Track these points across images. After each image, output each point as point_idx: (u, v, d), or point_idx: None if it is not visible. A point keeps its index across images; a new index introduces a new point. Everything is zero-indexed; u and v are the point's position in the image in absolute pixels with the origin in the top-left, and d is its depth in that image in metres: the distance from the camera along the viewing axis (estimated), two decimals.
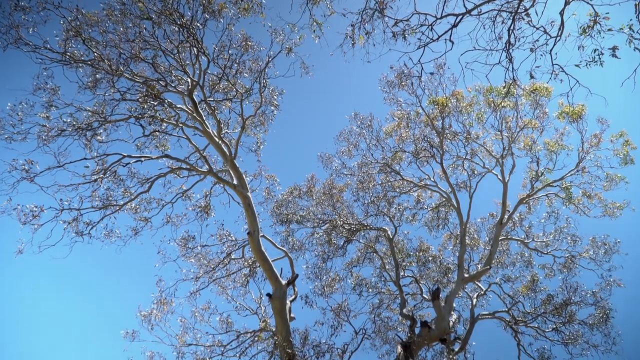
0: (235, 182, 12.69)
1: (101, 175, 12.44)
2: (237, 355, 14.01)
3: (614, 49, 6.73)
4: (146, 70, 12.82)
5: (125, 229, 13.95)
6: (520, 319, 17.19)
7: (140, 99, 11.92)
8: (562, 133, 17.46)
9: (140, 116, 11.99)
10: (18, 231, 11.83)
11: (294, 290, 14.09)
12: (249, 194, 12.61)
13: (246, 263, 16.04)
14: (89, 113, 12.06)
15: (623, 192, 17.07)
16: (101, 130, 12.17)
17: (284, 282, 12.40)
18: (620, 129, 16.62)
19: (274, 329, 12.91)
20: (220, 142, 12.69)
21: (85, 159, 11.99)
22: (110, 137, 12.40)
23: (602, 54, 6.90)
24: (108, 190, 13.12)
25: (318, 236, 17.84)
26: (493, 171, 17.49)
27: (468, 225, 17.12)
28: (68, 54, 11.27)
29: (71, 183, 12.12)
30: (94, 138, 12.03)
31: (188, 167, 13.40)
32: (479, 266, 17.82)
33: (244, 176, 12.79)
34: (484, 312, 17.13)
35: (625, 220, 17.52)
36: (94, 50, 11.46)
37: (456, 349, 14.37)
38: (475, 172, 18.03)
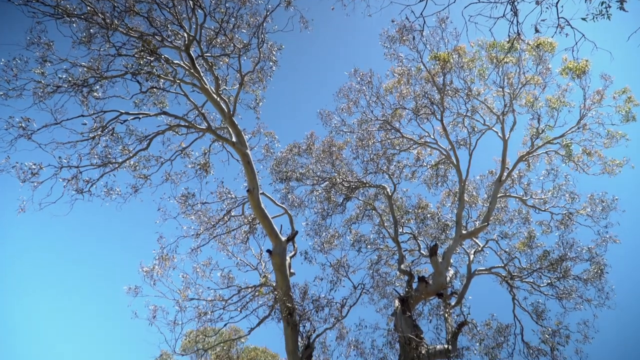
0: (234, 139, 12.62)
1: (99, 133, 12.36)
2: (239, 309, 14.32)
3: (622, 1, 6.54)
4: (141, 25, 12.51)
5: (125, 187, 13.98)
6: (515, 274, 17.50)
7: (136, 55, 11.69)
8: (565, 89, 17.28)
9: (136, 72, 11.79)
10: (18, 189, 11.85)
11: (294, 246, 14.27)
12: (248, 151, 12.56)
13: (246, 220, 16.17)
14: (85, 69, 11.84)
15: (623, 149, 17.07)
16: (97, 87, 11.99)
17: (283, 238, 12.53)
18: (623, 85, 16.44)
19: (274, 284, 13.15)
20: (218, 99, 12.54)
21: (82, 116, 11.87)
22: (106, 94, 12.24)
23: (610, 6, 6.71)
24: (106, 148, 13.05)
25: (317, 194, 17.91)
26: (493, 128, 17.40)
27: (467, 183, 17.17)
28: (61, 7, 10.96)
29: (69, 140, 12.04)
30: (91, 94, 11.86)
31: (186, 124, 13.30)
32: (477, 223, 17.99)
33: (242, 133, 12.70)
34: (481, 268, 17.42)
35: (624, 177, 17.60)
36: (87, 3, 11.15)
37: (452, 303, 14.68)
38: (476, 129, 17.94)
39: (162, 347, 14.53)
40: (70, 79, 11.56)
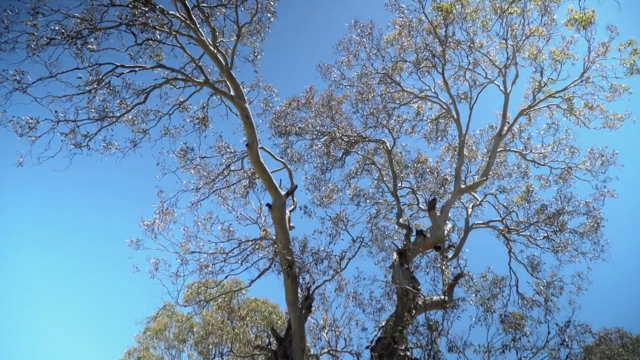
0: (232, 93, 12.45)
1: (95, 86, 12.17)
2: (239, 262, 14.59)
3: None
4: None
5: (123, 141, 13.89)
6: (512, 228, 17.71)
7: (130, 5, 11.37)
8: (569, 41, 16.89)
9: (131, 23, 11.50)
10: (16, 143, 11.80)
11: (293, 200, 14.37)
12: (246, 105, 12.43)
13: (245, 174, 16.20)
14: (78, 20, 11.54)
15: (626, 103, 16.88)
16: (91, 39, 11.72)
17: (283, 192, 12.59)
18: (629, 37, 16.07)
19: (274, 238, 13.33)
20: (215, 51, 12.29)
21: (77, 68, 11.64)
22: (101, 46, 11.96)
23: None
24: (104, 102, 12.90)
25: (317, 148, 17.86)
26: (495, 82, 17.15)
27: (467, 137, 17.09)
28: None
29: (65, 94, 11.86)
30: (85, 47, 11.60)
31: (184, 77, 13.09)
32: (476, 177, 18.04)
33: (241, 87, 12.53)
34: (478, 222, 17.61)
35: (624, 131, 17.49)
36: None
37: (449, 256, 14.92)
38: (477, 82, 17.70)
39: (165, 298, 14.90)
40: (63, 30, 11.29)
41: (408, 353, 10.91)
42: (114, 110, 13.05)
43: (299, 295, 11.93)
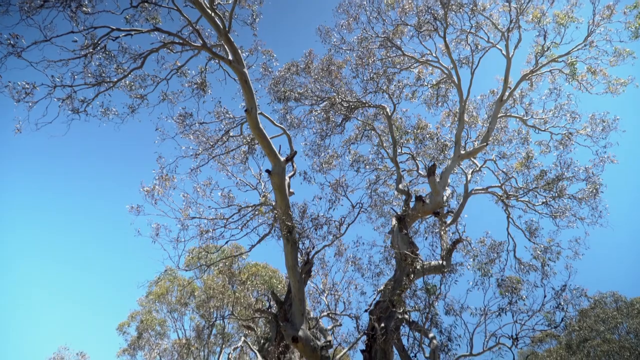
0: (230, 57, 12.27)
1: (91, 50, 11.98)
2: (239, 227, 14.71)
3: None
4: None
5: (121, 107, 13.78)
6: (511, 193, 17.78)
7: None
8: (574, 4, 16.57)
9: None
10: (13, 109, 11.70)
11: (293, 166, 14.36)
12: (245, 70, 12.26)
13: (245, 140, 16.14)
14: None
15: (629, 67, 16.66)
16: (86, 1, 11.46)
17: (282, 158, 12.56)
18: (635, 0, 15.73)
19: (273, 203, 13.39)
20: (212, 14, 12.04)
21: (72, 32, 11.44)
22: (96, 9, 11.70)
23: None
24: (100, 67, 12.72)
25: (316, 114, 17.72)
26: (497, 46, 16.88)
27: (467, 103, 16.94)
28: None
29: (61, 58, 11.68)
30: (79, 9, 11.36)
31: (181, 41, 12.85)
32: (476, 143, 17.99)
33: (239, 51, 12.32)
34: (477, 188, 17.65)
35: (627, 97, 17.34)
36: None
37: (448, 222, 15.03)
38: (479, 46, 17.41)
39: (166, 263, 15.08)
40: None
41: (406, 316, 11.12)
42: (111, 75, 12.89)
43: (298, 260, 12.06)
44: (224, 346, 28.09)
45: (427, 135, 19.15)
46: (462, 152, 15.69)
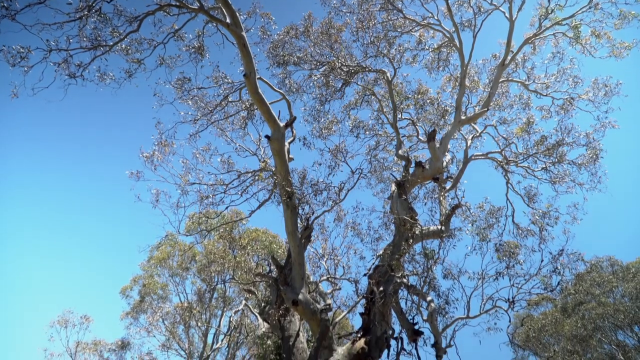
0: (228, 20, 12.02)
1: (85, 13, 11.73)
2: (239, 193, 14.75)
3: None
4: None
5: (118, 71, 13.58)
6: (511, 159, 17.76)
7: None
8: None
9: None
10: (9, 74, 11.54)
11: (292, 132, 14.29)
12: (243, 33, 12.03)
13: (244, 105, 16.00)
14: None
15: (634, 30, 16.35)
16: None
17: (282, 124, 12.47)
18: None
19: (273, 169, 13.37)
20: None
21: None
22: None
23: None
24: (95, 30, 12.48)
25: (315, 78, 17.50)
26: (500, 8, 16.52)
27: (469, 67, 16.72)
28: None
29: (55, 22, 11.45)
30: None
31: (177, 3, 12.57)
32: (477, 108, 17.85)
33: (237, 14, 12.06)
34: (477, 153, 17.62)
35: (630, 61, 17.09)
36: None
37: (447, 187, 15.07)
38: (482, 9, 17.04)
39: (166, 228, 15.21)
40: None
41: (404, 280, 11.28)
42: (107, 39, 12.65)
43: (298, 225, 12.14)
44: (225, 309, 28.65)
45: (428, 101, 18.98)
46: (463, 117, 15.59)
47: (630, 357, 27.95)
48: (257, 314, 16.46)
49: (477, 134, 18.21)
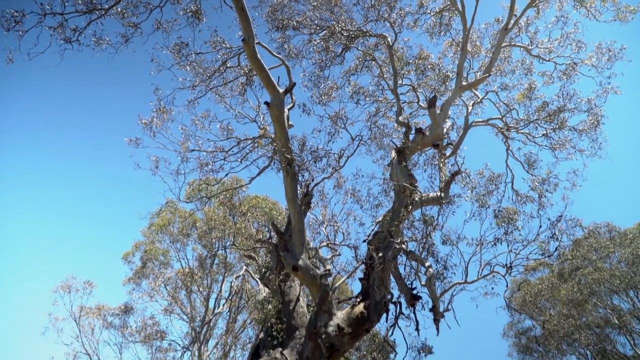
0: None
1: None
2: (239, 160, 14.72)
3: None
4: None
5: (114, 36, 13.33)
6: (512, 125, 17.66)
7: None
8: None
9: None
10: (4, 39, 11.34)
11: (292, 98, 14.15)
12: None
13: (242, 71, 15.79)
14: None
15: None
16: None
17: (281, 90, 12.34)
18: None
19: (273, 136, 13.31)
20: None
21: None
22: None
23: None
24: None
25: (315, 43, 17.21)
26: None
27: (471, 32, 16.43)
28: None
29: None
30: None
31: None
32: (478, 74, 17.64)
33: None
34: (478, 120, 17.51)
35: (635, 25, 16.80)
36: None
37: (447, 154, 15.03)
38: None
39: (167, 195, 15.26)
40: None
41: (403, 246, 11.38)
42: (102, 2, 12.37)
43: (298, 192, 12.16)
44: (226, 275, 29.03)
45: (429, 66, 18.73)
46: (464, 83, 15.41)
47: (625, 320, 28.54)
48: (257, 280, 16.67)
49: (478, 100, 18.05)
